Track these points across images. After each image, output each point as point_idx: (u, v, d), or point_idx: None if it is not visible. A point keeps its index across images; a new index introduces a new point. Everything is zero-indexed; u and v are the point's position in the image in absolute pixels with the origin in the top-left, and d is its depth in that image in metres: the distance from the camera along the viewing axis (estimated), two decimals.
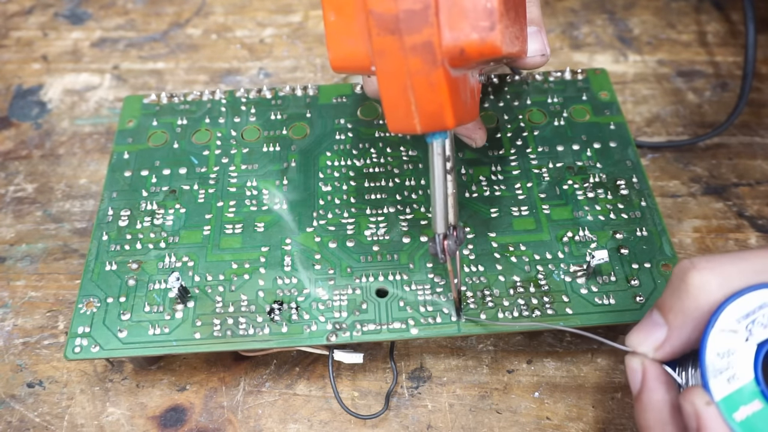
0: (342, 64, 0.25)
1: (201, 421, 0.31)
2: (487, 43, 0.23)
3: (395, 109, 0.24)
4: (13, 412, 0.32)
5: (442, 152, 0.25)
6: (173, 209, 0.34)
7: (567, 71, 0.39)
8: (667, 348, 0.23)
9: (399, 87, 0.23)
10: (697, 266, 0.22)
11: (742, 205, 0.39)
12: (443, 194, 0.26)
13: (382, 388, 0.32)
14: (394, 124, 0.24)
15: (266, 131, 0.38)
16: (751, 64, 0.42)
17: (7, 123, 0.44)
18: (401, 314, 0.30)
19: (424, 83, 0.23)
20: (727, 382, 0.21)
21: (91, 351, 0.29)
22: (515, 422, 0.31)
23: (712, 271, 0.22)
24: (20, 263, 0.37)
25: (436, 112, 0.24)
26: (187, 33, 0.49)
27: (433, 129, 0.24)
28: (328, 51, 0.24)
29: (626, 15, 0.50)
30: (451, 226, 0.27)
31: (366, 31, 0.23)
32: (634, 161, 0.35)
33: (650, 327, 0.24)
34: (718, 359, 0.22)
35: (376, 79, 0.24)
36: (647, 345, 0.24)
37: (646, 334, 0.24)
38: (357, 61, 0.24)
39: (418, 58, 0.23)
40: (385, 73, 0.23)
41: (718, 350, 0.22)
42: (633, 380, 0.24)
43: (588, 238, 0.33)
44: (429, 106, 0.24)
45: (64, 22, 0.50)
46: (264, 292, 0.31)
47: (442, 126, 0.24)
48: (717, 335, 0.22)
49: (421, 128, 0.24)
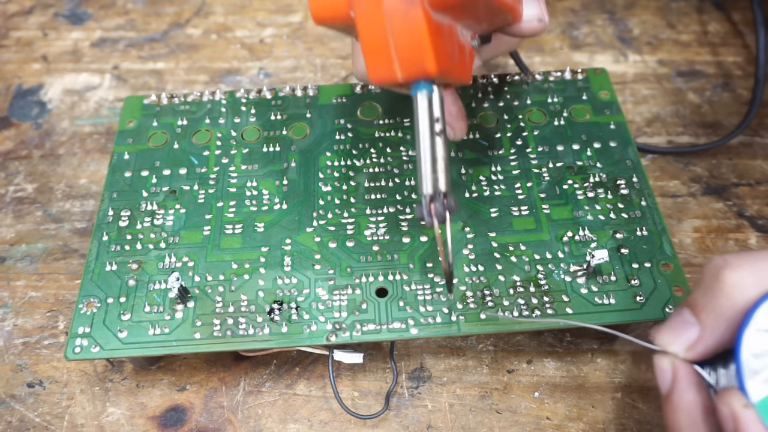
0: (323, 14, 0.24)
1: (201, 421, 0.31)
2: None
3: (376, 56, 0.23)
4: (13, 412, 0.32)
5: (427, 106, 0.25)
6: (173, 209, 0.34)
7: (567, 71, 0.39)
8: (700, 348, 0.22)
9: (378, 30, 0.23)
10: (731, 264, 0.22)
11: (742, 205, 0.39)
12: (430, 153, 0.25)
13: (382, 388, 0.32)
14: (376, 72, 0.24)
15: (266, 131, 0.38)
16: (762, 68, 0.42)
17: (7, 123, 0.44)
18: (401, 314, 0.30)
19: (403, 24, 0.22)
20: (763, 384, 0.21)
21: (92, 351, 0.29)
22: (515, 422, 0.31)
23: (746, 269, 0.22)
24: (20, 263, 0.37)
25: (416, 55, 0.23)
26: (187, 33, 0.49)
27: (414, 75, 0.23)
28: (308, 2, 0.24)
29: (626, 15, 0.50)
30: (441, 193, 0.25)
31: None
32: (634, 161, 0.35)
33: (681, 326, 0.23)
34: (754, 359, 0.21)
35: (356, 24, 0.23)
36: (678, 344, 0.23)
37: (677, 333, 0.23)
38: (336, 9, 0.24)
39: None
40: (363, 16, 0.23)
41: (754, 350, 0.21)
42: (662, 380, 0.23)
43: (588, 237, 0.33)
44: (409, 48, 0.23)
45: (64, 22, 0.50)
46: (264, 292, 0.31)
47: (423, 71, 0.23)
48: (752, 335, 0.21)
49: (402, 75, 0.23)
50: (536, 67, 0.46)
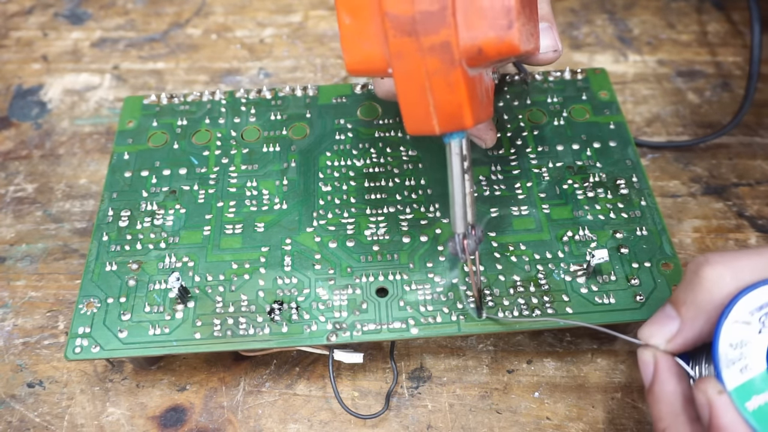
0: (358, 68, 0.24)
1: (201, 421, 0.31)
2: (505, 41, 0.23)
3: (413, 111, 0.24)
4: (13, 412, 0.32)
5: (459, 152, 0.25)
6: (173, 210, 0.34)
7: (567, 71, 0.39)
8: (679, 340, 0.23)
9: (417, 88, 0.23)
10: (711, 261, 0.23)
11: (742, 205, 0.39)
12: (462, 193, 0.26)
13: (382, 388, 0.32)
14: (413, 125, 0.24)
15: (266, 131, 0.38)
16: (756, 64, 0.42)
17: (7, 123, 0.44)
18: (401, 314, 0.30)
19: (443, 84, 0.23)
20: (739, 373, 0.22)
21: (92, 351, 0.29)
22: (515, 422, 0.31)
23: (725, 266, 0.23)
24: (20, 263, 0.37)
25: (454, 112, 0.24)
26: (187, 33, 0.49)
27: (452, 129, 0.24)
28: (343, 54, 0.24)
29: (626, 15, 0.50)
30: (470, 225, 0.27)
31: (382, 33, 0.23)
32: (633, 161, 0.35)
33: (663, 320, 0.24)
34: (731, 350, 0.22)
35: (394, 81, 0.24)
36: (659, 337, 0.24)
37: (658, 327, 0.24)
38: (373, 64, 0.24)
39: (436, 58, 0.23)
40: (402, 75, 0.23)
41: (731, 341, 0.22)
42: (645, 372, 0.24)
43: (588, 237, 0.33)
44: (448, 106, 0.23)
45: (64, 22, 0.50)
46: (264, 292, 0.31)
47: (461, 126, 0.24)
48: (730, 326, 0.22)
49: (440, 129, 0.24)
50: (536, 68, 0.46)
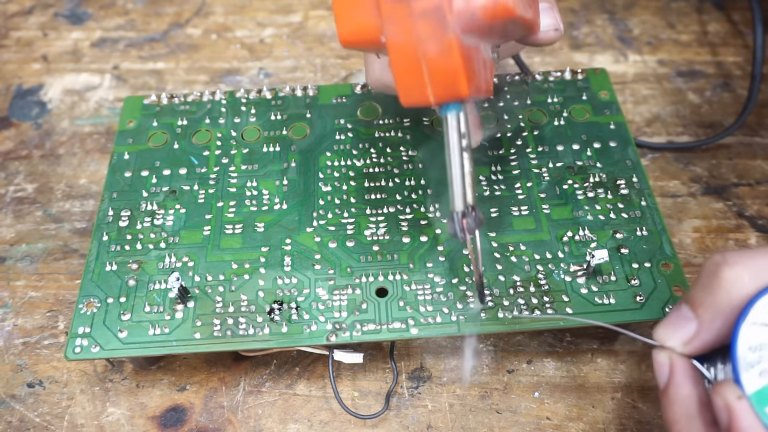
0: (351, 38, 0.24)
1: (201, 421, 0.31)
2: (500, 4, 0.22)
3: (407, 80, 0.23)
4: (13, 412, 0.32)
5: (457, 125, 0.25)
6: (173, 209, 0.34)
7: (567, 71, 0.39)
8: (697, 343, 0.23)
9: (410, 56, 0.23)
10: (729, 261, 0.22)
11: (742, 205, 0.39)
12: (460, 170, 0.26)
13: (382, 388, 0.32)
14: (407, 96, 0.24)
15: (266, 131, 0.38)
16: (759, 65, 0.42)
17: (7, 123, 0.44)
18: (401, 314, 0.30)
19: (436, 50, 0.23)
20: (758, 376, 0.21)
21: (92, 351, 0.29)
22: (515, 422, 0.31)
23: (744, 266, 0.22)
24: (20, 263, 0.37)
25: (449, 79, 0.23)
26: (187, 33, 0.49)
27: (447, 98, 0.24)
28: (336, 25, 0.24)
29: (626, 15, 0.50)
30: (470, 206, 0.26)
31: (374, 2, 0.23)
32: (633, 161, 0.35)
33: (679, 321, 0.23)
34: (750, 353, 0.21)
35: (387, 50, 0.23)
36: (676, 339, 0.23)
37: (675, 328, 0.23)
38: (366, 34, 0.24)
39: (428, 23, 0.22)
40: (395, 42, 0.23)
41: (750, 344, 0.21)
42: (660, 374, 0.24)
43: (588, 237, 0.33)
44: (442, 74, 0.23)
45: (64, 22, 0.50)
46: (264, 292, 0.31)
47: (456, 94, 0.24)
48: (749, 329, 0.21)
49: (435, 98, 0.24)
50: (536, 67, 0.46)
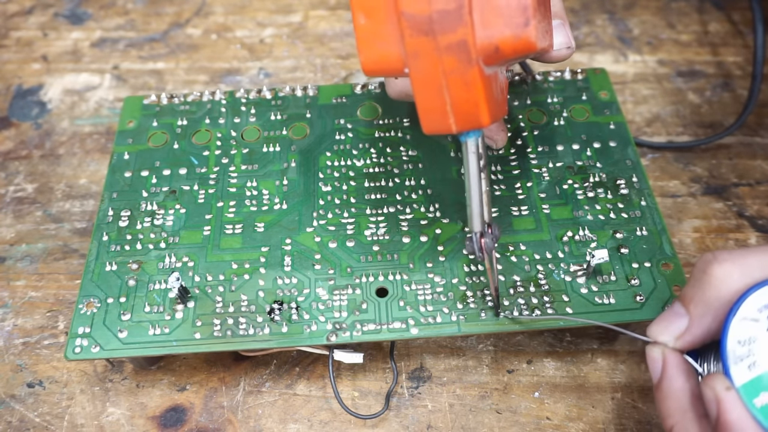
0: (374, 68, 0.24)
1: (201, 421, 0.31)
2: (522, 39, 0.23)
3: (430, 111, 0.24)
4: (13, 412, 0.32)
5: (476, 150, 0.25)
6: (173, 209, 0.34)
7: (567, 71, 0.39)
8: (688, 337, 0.23)
9: (434, 88, 0.23)
10: (720, 258, 0.23)
11: (742, 205, 0.39)
12: (478, 192, 0.26)
13: (382, 388, 0.32)
14: (430, 125, 0.24)
15: (266, 131, 0.38)
16: (760, 65, 0.42)
17: (7, 123, 0.44)
18: (401, 314, 0.30)
19: (460, 83, 0.23)
20: (747, 369, 0.22)
21: (92, 351, 0.29)
22: (515, 422, 0.31)
23: (734, 263, 0.23)
24: (20, 263, 0.37)
25: (471, 110, 0.24)
26: (187, 33, 0.49)
27: (469, 128, 0.24)
28: (359, 55, 0.24)
29: (626, 15, 0.50)
30: (486, 224, 0.27)
31: (398, 33, 0.23)
32: (633, 161, 0.35)
33: (672, 317, 0.24)
34: (739, 346, 0.22)
35: (410, 81, 0.24)
36: (668, 334, 0.24)
37: (667, 324, 0.24)
38: (389, 64, 0.24)
39: (453, 57, 0.23)
40: (419, 74, 0.23)
41: (740, 338, 0.22)
42: (653, 369, 0.24)
43: (588, 237, 0.33)
44: (465, 105, 0.24)
45: (64, 22, 0.50)
46: (264, 292, 0.31)
47: (477, 124, 0.24)
48: (738, 323, 0.22)
49: (457, 128, 0.24)
50: (536, 67, 0.46)
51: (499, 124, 0.35)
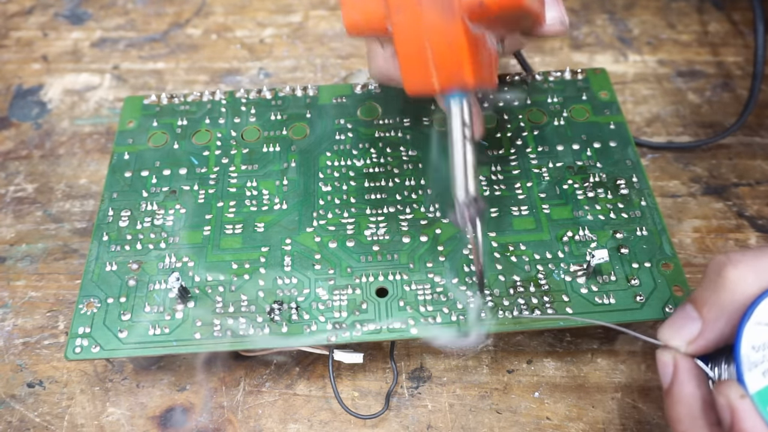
0: (357, 25, 0.24)
1: (201, 421, 0.31)
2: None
3: (413, 68, 0.24)
4: (13, 412, 0.32)
5: (460, 114, 0.25)
6: (173, 210, 0.34)
7: (567, 71, 0.39)
8: (701, 342, 0.23)
9: (416, 43, 0.23)
10: (733, 261, 0.22)
11: (742, 205, 0.39)
12: (462, 159, 0.26)
13: (382, 388, 0.32)
14: (412, 84, 0.24)
15: (266, 132, 0.38)
16: (760, 64, 0.42)
17: (7, 123, 0.44)
18: (401, 314, 0.30)
19: (442, 38, 0.23)
20: (762, 376, 0.21)
21: (92, 351, 0.29)
22: (515, 422, 0.31)
23: (748, 266, 0.22)
24: (20, 263, 0.37)
25: (454, 67, 0.23)
26: (187, 33, 0.49)
27: (451, 86, 0.24)
28: (342, 12, 0.24)
29: (626, 15, 0.50)
30: (472, 196, 0.26)
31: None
32: (633, 161, 0.35)
33: (684, 321, 0.23)
34: (754, 352, 0.21)
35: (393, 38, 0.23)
36: (680, 339, 0.23)
37: (679, 328, 0.23)
38: (372, 22, 0.24)
39: (435, 11, 0.22)
40: (401, 30, 0.23)
41: (754, 343, 0.21)
42: (664, 374, 0.24)
43: (588, 237, 0.33)
44: (447, 61, 0.23)
45: (64, 22, 0.50)
46: (264, 292, 0.31)
47: (461, 83, 0.24)
48: (753, 328, 0.22)
49: (440, 86, 0.24)
50: (536, 67, 0.46)
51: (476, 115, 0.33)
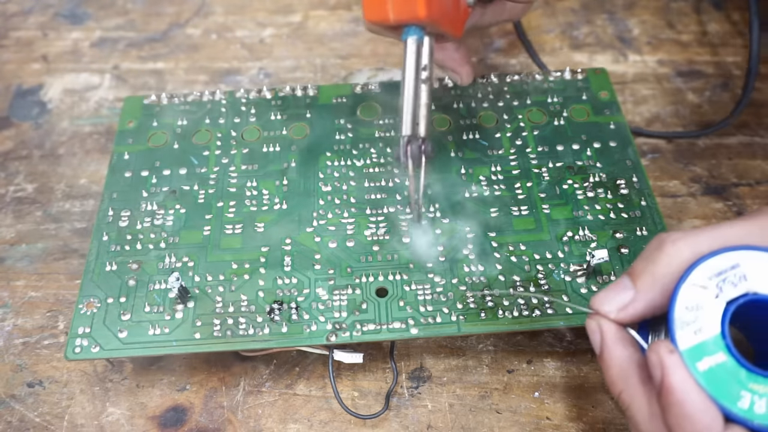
0: None
1: (201, 421, 0.31)
2: None
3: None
4: (13, 412, 0.32)
5: (415, 51, 0.25)
6: (173, 209, 0.34)
7: (567, 71, 0.39)
8: (630, 310, 0.24)
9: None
10: (672, 237, 0.23)
11: (742, 205, 0.39)
12: (412, 98, 0.26)
13: (382, 388, 0.32)
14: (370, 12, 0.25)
15: (266, 131, 0.38)
16: (755, 59, 0.42)
17: (7, 123, 0.44)
18: (401, 314, 0.30)
19: None
20: (693, 334, 0.22)
21: (92, 351, 0.29)
22: (515, 422, 0.31)
23: (685, 242, 0.23)
24: (20, 263, 0.37)
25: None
26: (187, 33, 0.49)
27: (405, 17, 0.24)
28: None
29: (626, 15, 0.50)
30: (420, 138, 0.27)
31: None
32: (633, 161, 0.35)
33: (617, 289, 0.24)
34: (687, 312, 0.22)
35: None
36: (611, 305, 0.24)
37: (611, 296, 0.24)
38: None
39: None
40: None
41: (687, 304, 0.22)
42: (593, 340, 0.25)
43: (588, 237, 0.33)
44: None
45: (64, 22, 0.50)
46: (264, 292, 0.31)
47: (413, 14, 0.24)
48: (688, 289, 0.22)
49: (394, 16, 0.24)
50: (536, 67, 0.46)
51: (463, 56, 0.34)
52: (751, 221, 0.23)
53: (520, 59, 0.47)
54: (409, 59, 0.26)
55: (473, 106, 0.38)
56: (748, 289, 0.22)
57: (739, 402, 0.21)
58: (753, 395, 0.21)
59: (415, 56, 0.26)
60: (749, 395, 0.21)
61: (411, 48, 0.26)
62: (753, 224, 0.23)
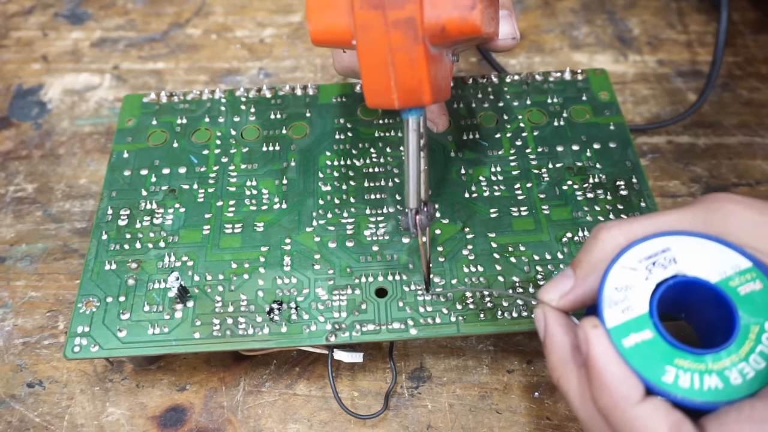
0: (322, 37, 0.25)
1: (201, 421, 0.31)
2: (468, 21, 0.23)
3: (375, 84, 0.25)
4: (13, 412, 0.32)
5: (417, 128, 0.26)
6: (173, 209, 0.34)
7: (567, 71, 0.39)
8: (571, 296, 0.24)
9: (380, 62, 0.24)
10: (608, 225, 0.24)
11: None
12: (416, 170, 0.27)
13: (382, 388, 0.32)
14: (373, 98, 0.25)
15: (266, 131, 0.38)
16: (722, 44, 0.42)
17: (7, 123, 0.44)
18: (401, 314, 0.30)
19: (405, 59, 0.24)
20: (621, 313, 0.23)
21: (91, 350, 0.29)
22: (515, 422, 0.31)
23: (620, 229, 0.24)
24: (20, 263, 0.37)
25: (414, 88, 0.24)
26: (187, 33, 0.49)
27: (410, 105, 0.25)
28: (308, 23, 0.25)
29: (626, 15, 0.50)
30: (423, 202, 0.28)
31: (348, 4, 0.24)
32: (633, 162, 0.35)
33: (559, 279, 0.25)
34: (616, 292, 0.23)
35: (357, 53, 0.24)
36: (553, 293, 0.25)
37: (554, 285, 0.25)
38: (337, 35, 0.24)
39: (400, 33, 0.23)
40: (366, 47, 0.24)
41: (617, 285, 0.23)
42: (538, 328, 0.25)
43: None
44: (408, 81, 0.24)
45: (64, 22, 0.50)
46: (263, 291, 0.31)
47: (419, 102, 0.25)
48: (617, 271, 0.23)
49: (399, 104, 0.25)
50: (536, 68, 0.46)
51: (440, 108, 0.36)
52: (685, 209, 0.24)
53: (520, 59, 0.47)
54: (412, 136, 0.26)
55: (473, 106, 0.38)
56: (678, 271, 0.23)
57: (664, 376, 0.22)
58: (678, 370, 0.22)
59: (417, 132, 0.26)
60: (674, 370, 0.22)
61: (413, 126, 0.26)
62: (686, 212, 0.24)
